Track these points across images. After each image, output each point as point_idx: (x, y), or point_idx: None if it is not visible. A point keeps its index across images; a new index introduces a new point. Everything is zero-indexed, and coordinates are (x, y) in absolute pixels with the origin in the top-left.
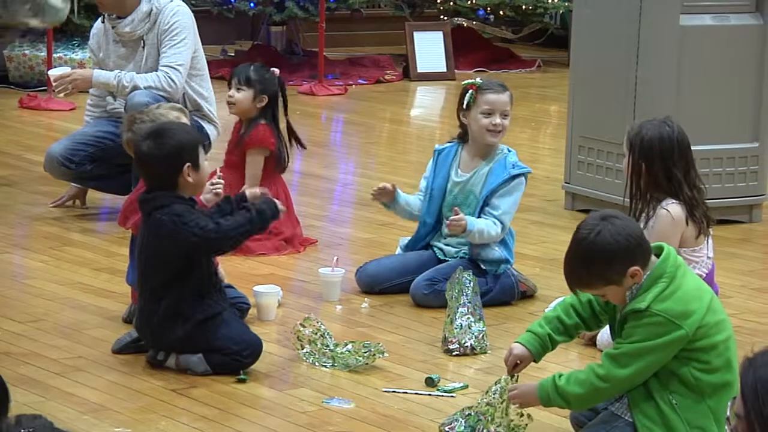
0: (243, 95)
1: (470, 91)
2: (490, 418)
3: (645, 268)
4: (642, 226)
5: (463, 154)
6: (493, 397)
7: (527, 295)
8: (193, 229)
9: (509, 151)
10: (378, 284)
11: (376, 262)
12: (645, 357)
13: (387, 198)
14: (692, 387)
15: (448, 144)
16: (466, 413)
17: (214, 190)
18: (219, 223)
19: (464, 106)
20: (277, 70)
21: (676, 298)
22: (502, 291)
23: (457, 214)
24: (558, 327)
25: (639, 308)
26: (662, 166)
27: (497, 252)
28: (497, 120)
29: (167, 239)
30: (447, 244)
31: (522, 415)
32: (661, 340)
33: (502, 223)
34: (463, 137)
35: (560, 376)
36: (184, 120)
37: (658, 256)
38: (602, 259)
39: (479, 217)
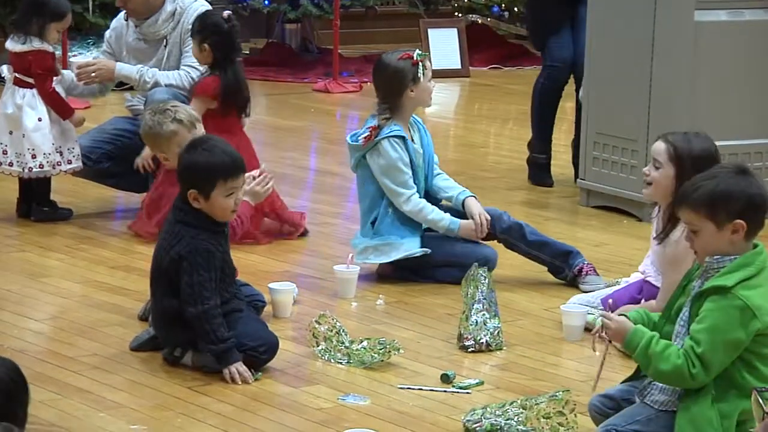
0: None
1: (419, 63)
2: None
3: (747, 237)
4: (660, 238)
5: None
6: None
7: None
8: (194, 287)
9: None
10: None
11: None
12: (729, 353)
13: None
14: (737, 385)
15: (393, 127)
16: (492, 412)
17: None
18: (213, 311)
19: (421, 79)
20: (226, 12)
21: (759, 291)
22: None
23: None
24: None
25: (725, 285)
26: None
27: None
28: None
29: (174, 255)
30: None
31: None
32: (739, 332)
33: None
34: (392, 115)
35: (657, 340)
36: (184, 132)
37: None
38: (726, 192)
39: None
